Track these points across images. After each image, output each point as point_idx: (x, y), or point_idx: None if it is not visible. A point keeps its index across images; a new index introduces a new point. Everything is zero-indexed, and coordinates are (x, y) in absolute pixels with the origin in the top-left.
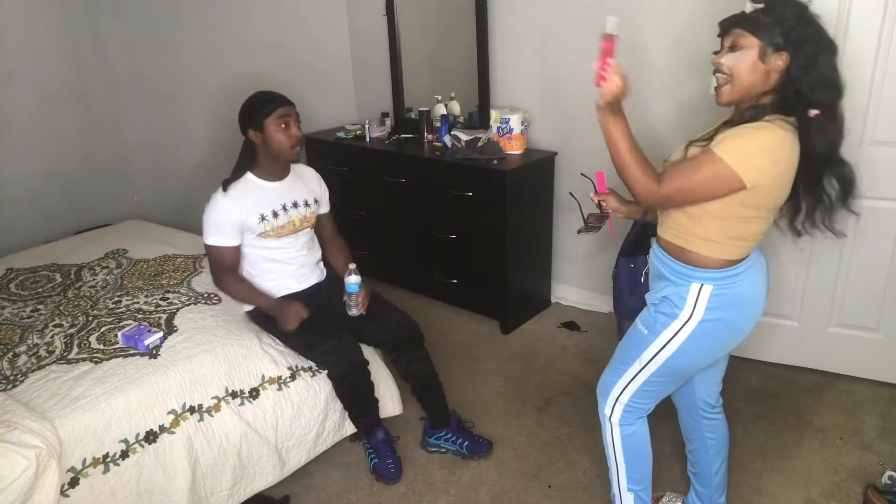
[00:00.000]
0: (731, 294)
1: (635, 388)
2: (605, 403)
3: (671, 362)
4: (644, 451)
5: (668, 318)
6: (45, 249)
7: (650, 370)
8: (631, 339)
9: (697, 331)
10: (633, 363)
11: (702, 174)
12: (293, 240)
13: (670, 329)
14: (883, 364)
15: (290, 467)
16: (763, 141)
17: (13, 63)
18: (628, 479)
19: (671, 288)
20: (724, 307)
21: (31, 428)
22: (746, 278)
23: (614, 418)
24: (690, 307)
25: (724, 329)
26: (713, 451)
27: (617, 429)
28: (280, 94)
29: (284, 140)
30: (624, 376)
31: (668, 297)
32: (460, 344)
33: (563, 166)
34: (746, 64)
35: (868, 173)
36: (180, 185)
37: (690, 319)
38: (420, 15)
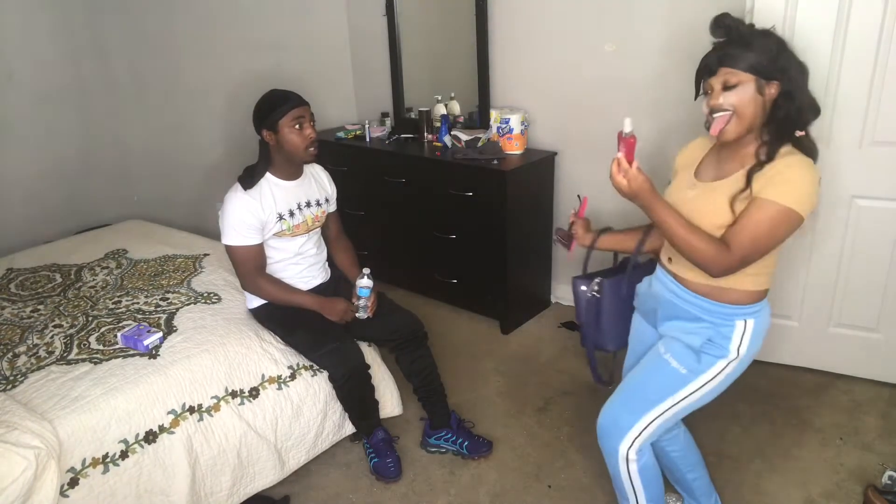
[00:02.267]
0: (765, 321)
1: (658, 425)
2: (619, 442)
3: (706, 397)
4: (657, 472)
5: (715, 359)
6: (45, 249)
7: (682, 406)
8: (660, 377)
9: (740, 364)
10: (664, 401)
11: (767, 225)
12: (306, 239)
13: (716, 368)
14: (883, 364)
15: (289, 467)
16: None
17: (13, 63)
18: (648, 500)
19: (711, 329)
20: (761, 336)
21: (31, 428)
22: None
23: (632, 454)
24: (737, 345)
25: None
26: (681, 463)
27: (634, 464)
28: (295, 93)
29: (298, 141)
30: (649, 414)
31: (712, 339)
32: (460, 344)
33: (563, 166)
34: (748, 98)
35: (868, 173)
36: (180, 184)
37: (738, 357)
38: (420, 15)
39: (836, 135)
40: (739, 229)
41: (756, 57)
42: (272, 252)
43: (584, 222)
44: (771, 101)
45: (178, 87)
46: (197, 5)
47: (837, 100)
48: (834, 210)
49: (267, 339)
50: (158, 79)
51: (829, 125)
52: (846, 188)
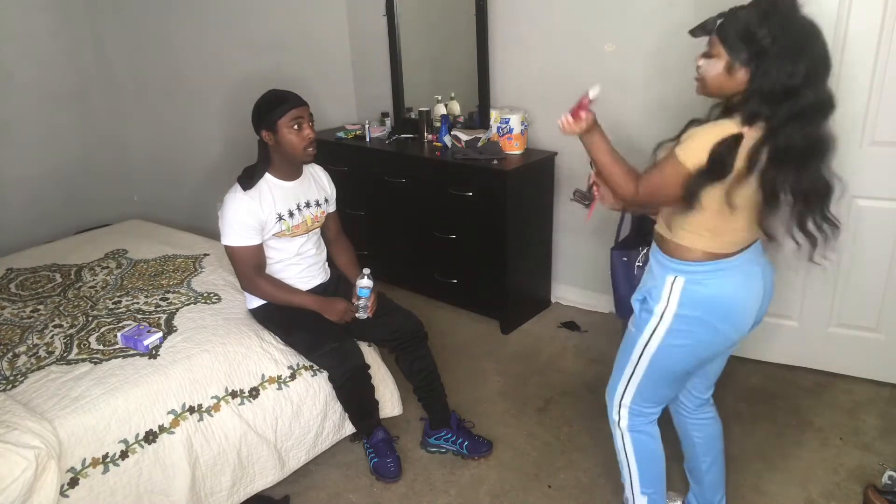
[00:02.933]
0: (707, 292)
1: (633, 391)
2: (612, 409)
3: (656, 360)
4: (656, 454)
5: (649, 314)
6: (45, 249)
7: (641, 370)
8: (625, 341)
9: (674, 326)
10: (627, 363)
11: (664, 173)
12: (306, 239)
13: (650, 324)
14: (883, 364)
15: (289, 467)
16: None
17: (13, 63)
18: (641, 483)
19: (651, 282)
20: (699, 305)
21: (31, 428)
22: (725, 279)
23: (622, 424)
24: (665, 300)
25: (703, 329)
26: (701, 450)
27: (627, 434)
28: (293, 93)
29: (297, 141)
30: (622, 378)
31: (648, 290)
32: (460, 344)
33: (563, 166)
34: (714, 73)
35: (868, 173)
36: (180, 185)
37: (665, 312)
38: (420, 15)
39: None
40: (650, 172)
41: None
42: (272, 252)
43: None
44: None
45: (178, 88)
46: (197, 5)
47: (837, 100)
48: (834, 210)
49: (267, 340)
50: (158, 79)
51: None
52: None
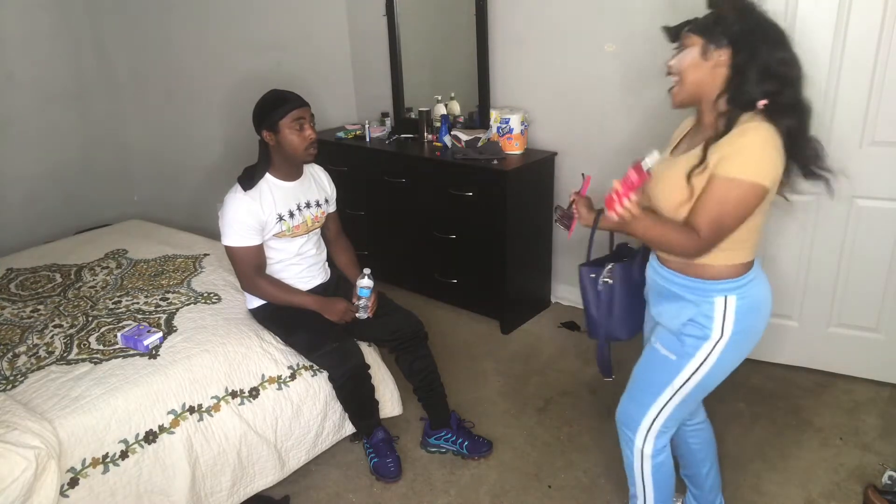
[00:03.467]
0: (752, 300)
1: (668, 414)
2: (634, 436)
3: (705, 381)
4: (670, 472)
5: (699, 340)
6: (45, 249)
7: (684, 393)
8: (656, 366)
9: (730, 345)
10: (664, 391)
11: (731, 203)
12: (306, 240)
13: (703, 350)
14: (883, 364)
15: (289, 467)
16: (760, 142)
17: (13, 63)
18: (656, 501)
19: (692, 308)
20: (749, 315)
21: (31, 428)
22: (761, 280)
23: (647, 450)
24: (720, 324)
25: (752, 336)
26: (700, 456)
27: (649, 461)
28: (295, 93)
29: (298, 142)
30: (654, 406)
31: (693, 319)
32: (460, 344)
33: (563, 166)
34: (689, 60)
35: (868, 173)
36: (180, 185)
37: (722, 337)
38: (420, 15)
39: (836, 135)
40: (702, 210)
41: (711, 23)
42: (272, 253)
43: (587, 201)
44: (723, 66)
45: (178, 87)
46: (197, 5)
47: (837, 100)
48: (834, 210)
49: (267, 340)
50: (158, 79)
51: (829, 125)
52: (846, 188)
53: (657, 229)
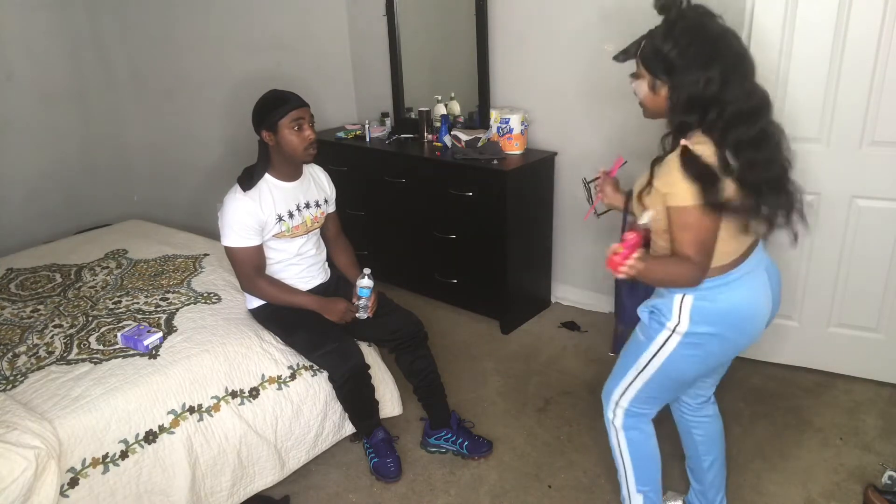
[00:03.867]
0: (716, 307)
1: (633, 393)
2: (607, 408)
3: (664, 369)
4: (651, 452)
5: (660, 327)
6: (45, 249)
7: (646, 376)
8: (630, 345)
9: (685, 341)
10: (631, 368)
11: (694, 226)
12: (305, 240)
13: (661, 336)
14: (883, 364)
15: (289, 467)
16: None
17: (13, 63)
18: (637, 481)
19: (659, 299)
20: (711, 321)
21: (31, 428)
22: (734, 291)
23: (617, 422)
24: (675, 317)
25: (715, 341)
26: (703, 448)
27: (621, 433)
28: (295, 94)
29: (297, 142)
30: (623, 381)
31: (657, 306)
32: (460, 344)
33: (563, 166)
34: (643, 93)
35: (868, 173)
36: (180, 184)
37: (677, 329)
38: (420, 15)
39: (836, 135)
40: (682, 241)
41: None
42: (272, 253)
43: (614, 181)
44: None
45: (178, 87)
46: (197, 5)
47: (837, 100)
48: (834, 210)
49: (267, 340)
50: (158, 78)
51: (829, 125)
52: (846, 188)
53: (658, 270)
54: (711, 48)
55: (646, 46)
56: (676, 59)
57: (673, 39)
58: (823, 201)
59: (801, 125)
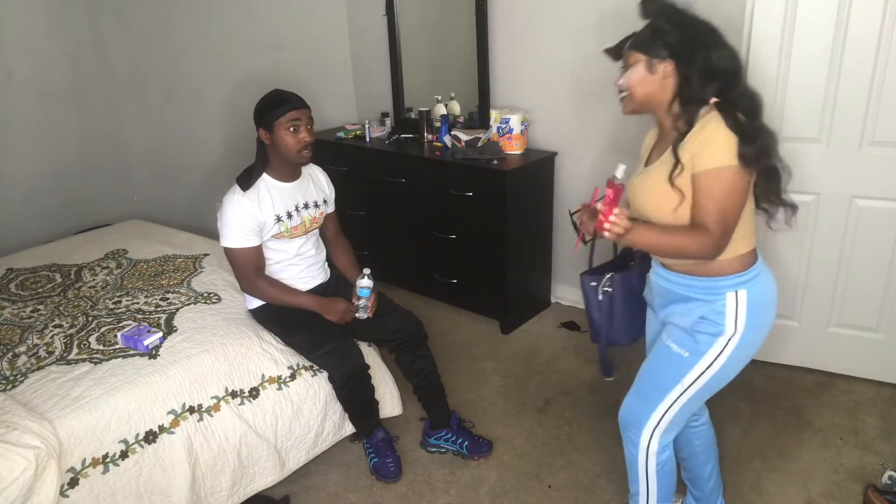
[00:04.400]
0: (761, 293)
1: (675, 412)
2: (639, 435)
3: (716, 378)
4: (673, 469)
5: (713, 337)
6: (45, 249)
7: (694, 391)
8: (665, 363)
9: (742, 340)
10: (673, 388)
11: (723, 192)
12: (304, 240)
13: (716, 347)
14: (883, 364)
15: (289, 467)
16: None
17: (13, 63)
18: (658, 499)
19: (704, 307)
20: (759, 309)
21: (31, 428)
22: (767, 274)
23: (653, 447)
24: (732, 319)
25: (762, 331)
26: (703, 457)
27: (654, 459)
28: (296, 95)
29: (292, 143)
30: (663, 403)
31: (704, 317)
32: (460, 344)
33: (563, 166)
34: (636, 78)
35: (868, 173)
36: (180, 184)
37: (736, 332)
38: (420, 15)
39: (836, 135)
40: (701, 209)
41: (650, 38)
42: (271, 253)
43: (591, 212)
44: (670, 78)
45: (178, 87)
46: (197, 5)
47: (837, 100)
48: (834, 210)
49: (267, 340)
50: (158, 79)
51: (829, 125)
52: (846, 188)
53: (667, 239)
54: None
55: (637, 37)
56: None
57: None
58: (823, 201)
59: (801, 125)
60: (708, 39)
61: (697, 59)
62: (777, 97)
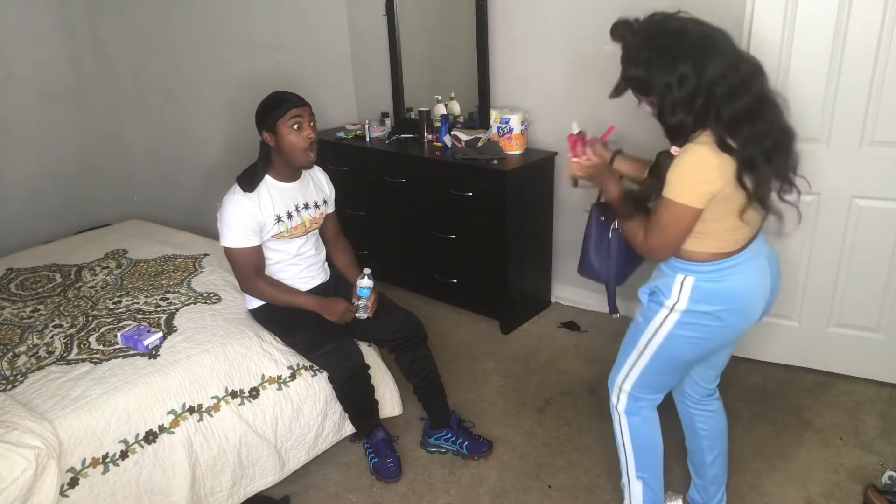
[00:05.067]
0: (716, 288)
1: (636, 377)
2: (612, 394)
3: (663, 349)
4: (652, 439)
5: (658, 306)
6: (45, 249)
7: (646, 357)
8: (630, 330)
9: (683, 320)
10: (632, 352)
11: (665, 220)
12: (304, 241)
13: (659, 316)
14: (883, 364)
15: (289, 467)
16: (688, 163)
17: (13, 63)
18: (637, 467)
19: (661, 279)
20: (710, 301)
21: (31, 428)
22: (736, 275)
23: (620, 407)
24: (675, 296)
25: (713, 322)
26: (706, 443)
27: (624, 417)
28: (295, 94)
29: (297, 141)
30: (625, 366)
31: (658, 286)
32: (460, 344)
33: (563, 166)
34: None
35: (868, 173)
36: (181, 184)
37: (675, 307)
38: (420, 15)
39: (836, 135)
40: (653, 222)
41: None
42: (270, 253)
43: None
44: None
45: (178, 87)
46: (197, 5)
47: (837, 100)
48: (834, 210)
49: (267, 340)
50: (158, 79)
51: (829, 125)
52: (846, 188)
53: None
54: (671, 48)
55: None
56: (645, 76)
57: (636, 60)
58: (823, 201)
59: (801, 125)
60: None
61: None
62: None
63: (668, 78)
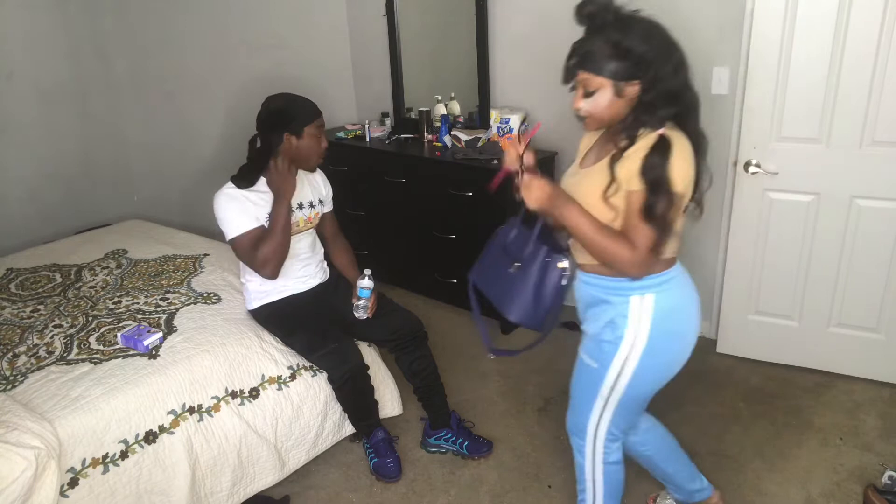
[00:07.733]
0: (672, 301)
1: (609, 420)
2: (584, 442)
3: (633, 386)
4: (622, 478)
5: (614, 346)
6: (45, 249)
7: (616, 400)
8: (583, 376)
9: (650, 345)
10: (595, 400)
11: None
12: (298, 240)
13: (619, 356)
14: (883, 364)
15: (289, 467)
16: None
17: (13, 63)
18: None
19: (611, 310)
20: (669, 317)
21: (31, 428)
22: (683, 281)
23: (598, 456)
24: (635, 322)
25: (675, 341)
26: (657, 460)
27: (601, 466)
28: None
29: (317, 149)
30: (592, 415)
31: (611, 320)
32: (460, 344)
33: (563, 166)
34: (604, 104)
35: (868, 173)
36: (181, 184)
37: (639, 335)
38: (420, 15)
39: (836, 135)
40: (632, 226)
41: (616, 63)
42: None
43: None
44: (634, 98)
45: (178, 87)
46: (197, 5)
47: (837, 100)
48: (834, 210)
49: (267, 340)
50: (158, 78)
51: (829, 125)
52: (846, 188)
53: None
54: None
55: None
56: (648, 54)
57: (639, 37)
58: (823, 201)
59: (801, 125)
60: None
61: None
62: (777, 97)
63: (667, 64)
